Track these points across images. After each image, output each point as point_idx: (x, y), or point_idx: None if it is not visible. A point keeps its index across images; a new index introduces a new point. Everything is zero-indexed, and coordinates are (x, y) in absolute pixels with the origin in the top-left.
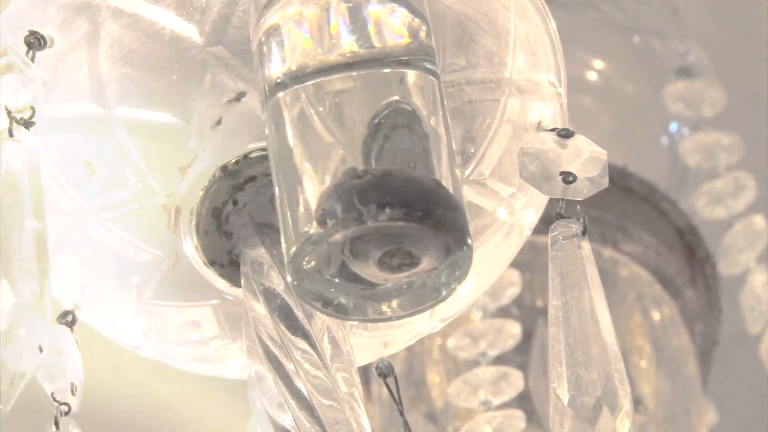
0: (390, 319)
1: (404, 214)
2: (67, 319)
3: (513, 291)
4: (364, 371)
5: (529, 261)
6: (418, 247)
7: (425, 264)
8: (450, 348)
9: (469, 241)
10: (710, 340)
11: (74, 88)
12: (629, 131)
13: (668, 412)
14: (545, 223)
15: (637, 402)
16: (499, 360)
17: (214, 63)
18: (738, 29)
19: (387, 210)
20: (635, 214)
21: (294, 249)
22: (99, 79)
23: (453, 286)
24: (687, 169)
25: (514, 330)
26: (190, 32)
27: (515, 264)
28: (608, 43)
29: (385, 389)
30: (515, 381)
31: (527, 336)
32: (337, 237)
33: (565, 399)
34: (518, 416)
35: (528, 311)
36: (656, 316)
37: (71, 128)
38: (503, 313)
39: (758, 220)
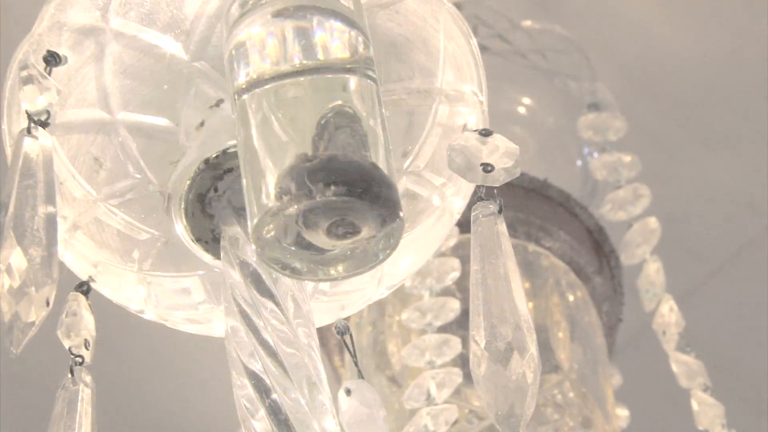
0: (336, 278)
1: (347, 190)
2: (83, 288)
3: (454, 275)
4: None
5: (469, 254)
6: (359, 218)
7: (365, 233)
8: (404, 321)
9: (401, 213)
10: (614, 317)
11: (84, 97)
12: (551, 153)
13: (581, 374)
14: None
15: (556, 366)
16: (442, 329)
17: (197, 75)
18: (634, 74)
19: (332, 187)
20: (554, 217)
21: (256, 220)
22: (104, 89)
23: (388, 251)
24: (596, 182)
25: (454, 306)
26: (178, 50)
27: (457, 255)
28: (534, 84)
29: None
30: (454, 345)
31: (466, 314)
32: (291, 210)
33: (482, 344)
34: (456, 372)
35: (468, 294)
36: (571, 297)
37: (82, 130)
38: (446, 292)
39: (652, 221)
